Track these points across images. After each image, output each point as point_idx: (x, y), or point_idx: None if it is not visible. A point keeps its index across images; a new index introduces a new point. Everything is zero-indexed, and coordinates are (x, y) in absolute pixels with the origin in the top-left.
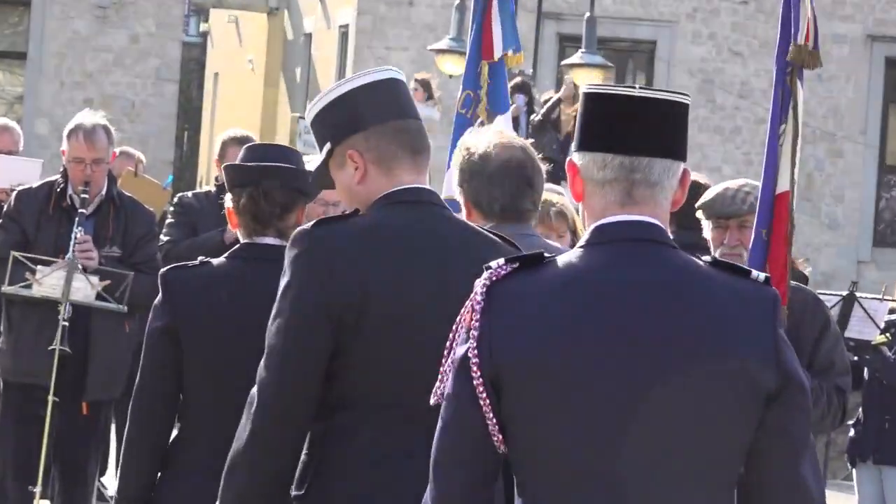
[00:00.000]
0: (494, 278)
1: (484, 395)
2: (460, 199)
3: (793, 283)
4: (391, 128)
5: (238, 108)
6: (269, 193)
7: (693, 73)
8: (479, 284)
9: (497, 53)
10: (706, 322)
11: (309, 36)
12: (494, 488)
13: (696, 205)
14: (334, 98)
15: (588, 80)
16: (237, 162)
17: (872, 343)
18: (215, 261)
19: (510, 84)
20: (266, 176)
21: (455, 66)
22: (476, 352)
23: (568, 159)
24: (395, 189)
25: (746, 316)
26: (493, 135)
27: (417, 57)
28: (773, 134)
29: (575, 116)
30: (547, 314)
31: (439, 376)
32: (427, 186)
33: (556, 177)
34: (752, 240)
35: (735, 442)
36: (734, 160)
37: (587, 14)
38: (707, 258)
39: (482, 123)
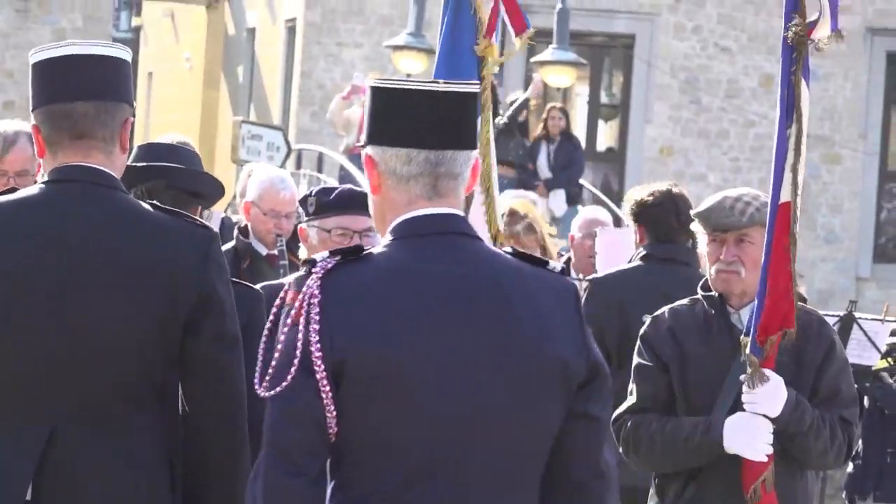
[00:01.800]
0: (323, 271)
1: (327, 387)
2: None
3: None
4: (54, 111)
5: (175, 112)
6: (152, 194)
7: (675, 71)
8: (313, 278)
9: (522, 28)
10: (526, 314)
11: (252, 31)
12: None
13: (693, 213)
14: (32, 63)
15: (560, 78)
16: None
17: (873, 369)
18: None
19: None
20: (150, 177)
21: (414, 63)
22: (318, 345)
23: (364, 154)
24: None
25: (558, 307)
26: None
27: (372, 54)
28: (781, 138)
29: (545, 119)
30: (381, 307)
31: (262, 367)
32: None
33: (524, 183)
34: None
35: (550, 430)
36: (721, 167)
37: (559, 5)
38: (508, 248)
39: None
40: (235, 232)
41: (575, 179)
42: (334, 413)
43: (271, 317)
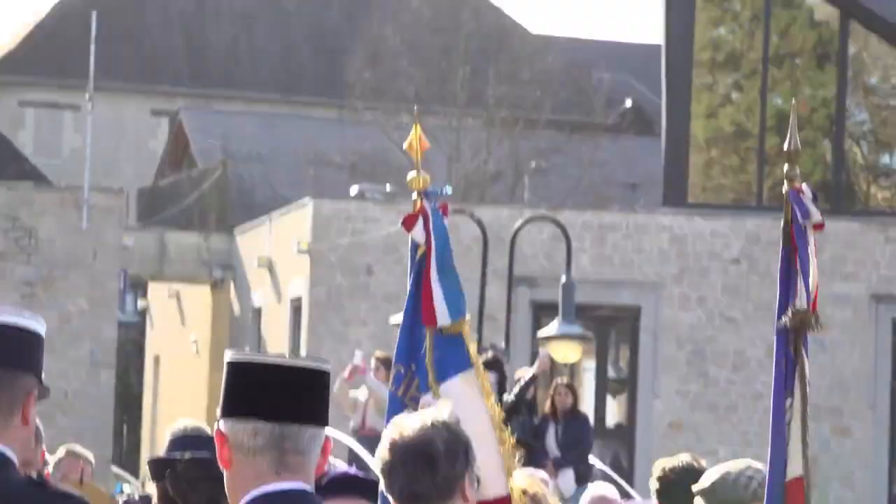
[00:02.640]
0: None
1: None
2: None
3: None
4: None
5: (182, 395)
6: (193, 485)
7: (682, 343)
8: None
9: (442, 321)
10: None
11: (258, 311)
12: None
13: (694, 490)
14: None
15: (567, 353)
16: (160, 455)
17: None
18: None
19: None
20: (189, 467)
21: None
22: None
23: (216, 429)
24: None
25: None
26: (413, 418)
27: (378, 332)
28: (778, 409)
29: (552, 396)
30: None
31: None
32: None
33: (533, 462)
34: None
35: None
36: (731, 441)
37: (563, 279)
38: None
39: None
40: None
41: (584, 457)
42: None
43: None
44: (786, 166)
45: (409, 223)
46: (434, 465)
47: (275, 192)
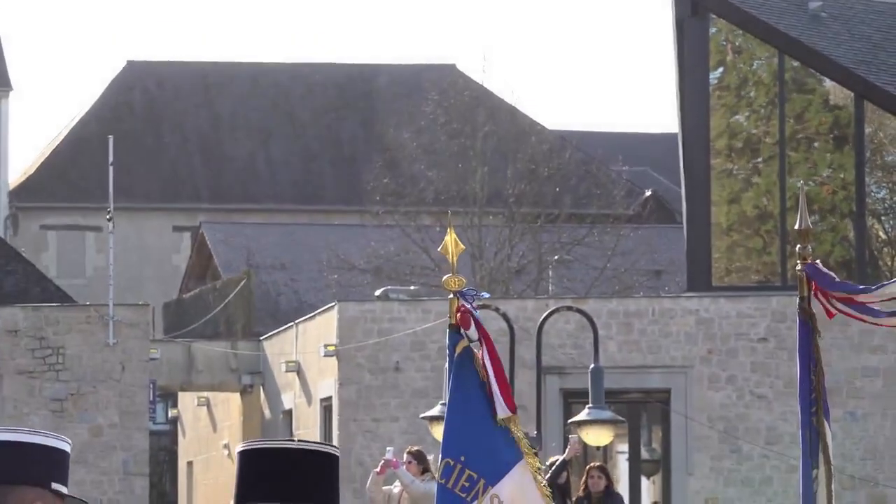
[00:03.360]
0: None
1: None
2: None
3: None
4: None
5: (216, 498)
6: None
7: (713, 421)
8: None
9: (505, 412)
10: None
11: (289, 413)
12: None
13: None
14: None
15: (598, 437)
16: None
17: None
18: None
19: None
20: None
21: None
22: None
23: None
24: None
25: None
26: None
27: (409, 427)
28: (806, 480)
29: (585, 479)
30: None
31: None
32: None
33: None
34: None
35: None
36: None
37: (592, 365)
38: None
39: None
40: None
41: None
42: None
43: None
44: (798, 246)
45: (465, 322)
46: None
47: (299, 298)
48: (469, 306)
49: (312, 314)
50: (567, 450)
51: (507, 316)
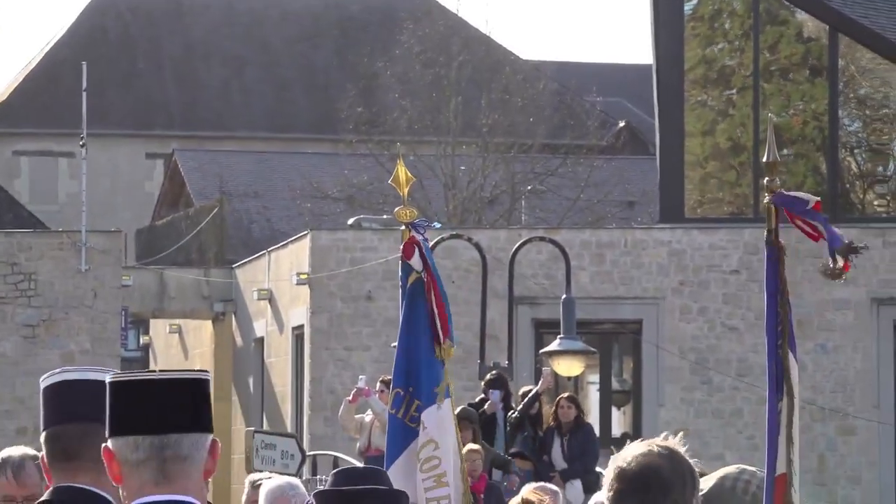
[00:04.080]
0: None
1: None
2: None
3: None
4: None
5: None
6: None
7: (685, 353)
8: None
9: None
10: None
11: (260, 341)
12: None
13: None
14: (109, 383)
15: (570, 368)
16: (327, 488)
17: None
18: None
19: (485, 379)
20: (362, 500)
21: None
22: None
23: (103, 447)
24: (55, 487)
25: None
26: (639, 446)
27: (381, 356)
28: (772, 412)
29: (555, 410)
30: None
31: None
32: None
33: (540, 475)
34: None
35: None
36: (737, 446)
37: (563, 296)
38: None
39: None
40: None
41: (590, 468)
42: None
43: None
44: (766, 178)
45: (407, 252)
46: (666, 493)
47: (272, 226)
48: (419, 237)
49: (285, 242)
50: (539, 382)
51: (479, 246)
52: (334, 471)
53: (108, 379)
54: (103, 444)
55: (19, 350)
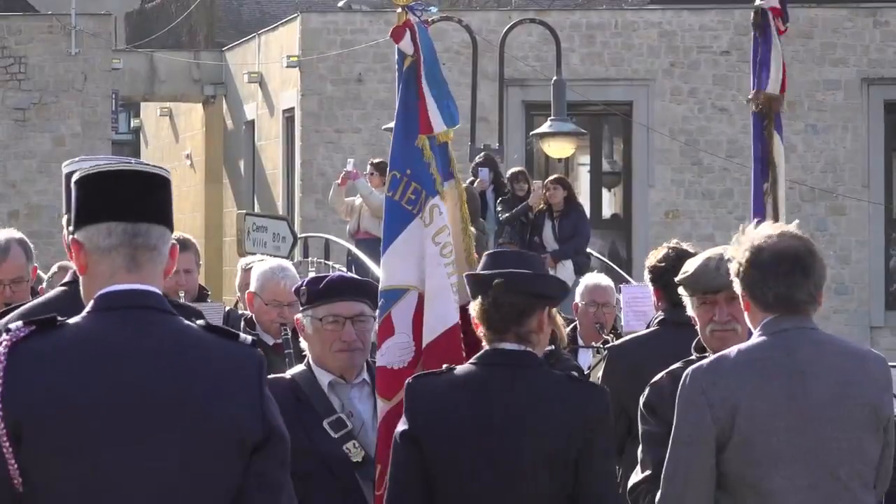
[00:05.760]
0: (14, 340)
1: (7, 444)
2: (738, 290)
3: None
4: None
5: (179, 209)
6: (497, 301)
7: (675, 134)
8: (1, 345)
9: (437, 128)
10: (198, 383)
11: (251, 123)
12: None
13: (676, 280)
14: (76, 179)
15: (560, 149)
16: (475, 271)
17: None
18: (457, 367)
19: (476, 159)
20: (493, 283)
21: None
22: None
23: (71, 238)
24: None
25: (235, 375)
26: (768, 226)
27: (371, 138)
28: (757, 193)
29: (544, 195)
30: (61, 374)
31: None
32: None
33: None
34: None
35: (225, 489)
36: (727, 226)
37: (554, 78)
38: (202, 322)
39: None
40: (242, 324)
41: (582, 249)
42: (17, 469)
43: None
44: None
45: (397, 35)
46: (810, 273)
47: (262, 9)
48: (415, 20)
49: (275, 25)
50: (531, 197)
51: (469, 28)
52: (486, 252)
53: (76, 176)
54: (70, 236)
55: (10, 134)
